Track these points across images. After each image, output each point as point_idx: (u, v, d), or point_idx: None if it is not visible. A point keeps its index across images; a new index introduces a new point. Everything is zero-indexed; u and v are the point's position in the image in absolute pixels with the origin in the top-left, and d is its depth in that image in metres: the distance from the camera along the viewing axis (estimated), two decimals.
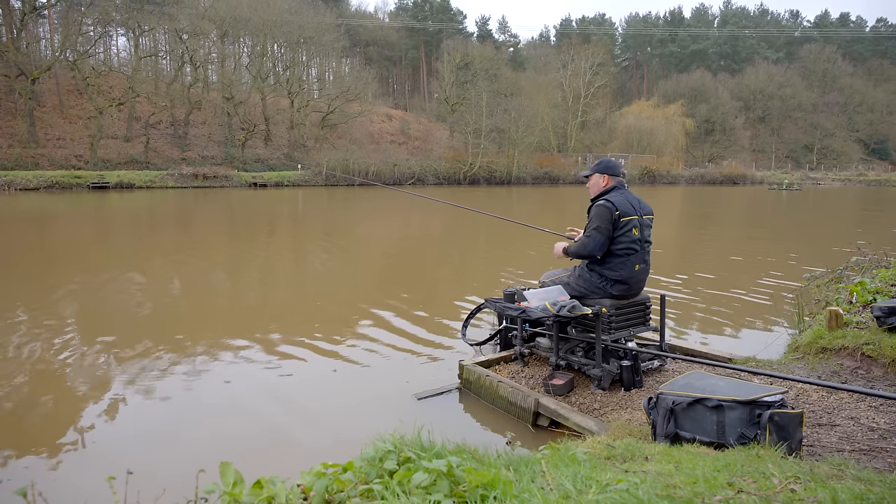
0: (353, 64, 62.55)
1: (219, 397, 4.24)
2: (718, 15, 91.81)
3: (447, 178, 44.30)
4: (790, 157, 72.11)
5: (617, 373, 3.89)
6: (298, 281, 9.07)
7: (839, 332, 4.26)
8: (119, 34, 51.95)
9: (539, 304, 3.88)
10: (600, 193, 4.03)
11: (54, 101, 42.23)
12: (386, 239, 14.64)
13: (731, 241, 14.29)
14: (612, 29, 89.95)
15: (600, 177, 4.09)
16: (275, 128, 46.60)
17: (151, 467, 3.18)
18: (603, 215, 3.86)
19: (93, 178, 33.25)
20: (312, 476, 1.42)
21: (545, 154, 51.00)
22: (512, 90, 51.72)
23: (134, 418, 3.86)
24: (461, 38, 64.99)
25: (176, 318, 6.53)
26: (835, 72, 76.72)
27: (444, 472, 1.42)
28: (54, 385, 4.42)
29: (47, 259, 10.74)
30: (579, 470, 1.83)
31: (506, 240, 13.75)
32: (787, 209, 25.93)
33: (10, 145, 36.52)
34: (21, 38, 38.66)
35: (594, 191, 4.10)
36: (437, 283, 8.97)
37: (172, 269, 9.66)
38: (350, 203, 26.42)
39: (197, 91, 44.31)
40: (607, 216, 3.84)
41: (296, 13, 49.55)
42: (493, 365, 4.44)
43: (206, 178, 36.26)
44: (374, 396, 4.25)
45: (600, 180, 4.09)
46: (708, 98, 68.68)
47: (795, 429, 2.57)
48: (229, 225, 17.52)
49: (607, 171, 4.08)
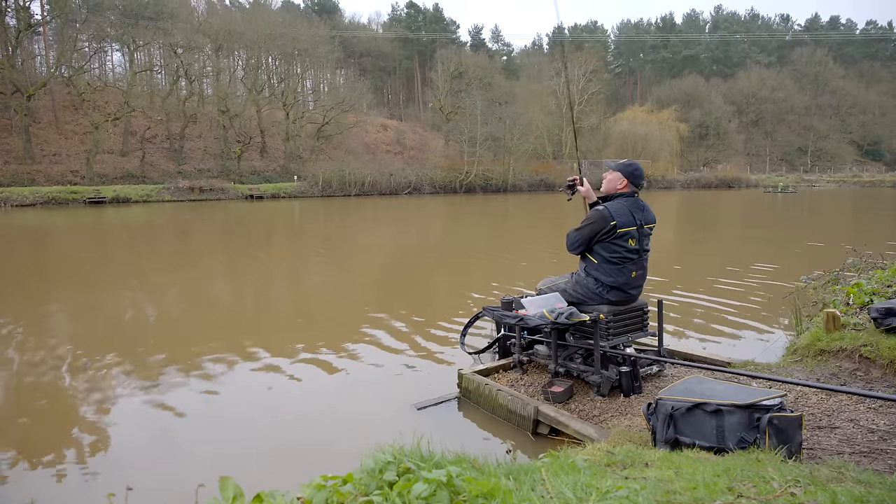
0: (347, 75, 62.85)
1: (217, 410, 4.22)
2: (710, 20, 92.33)
3: (443, 186, 44.36)
4: (784, 160, 72.37)
5: (616, 379, 3.88)
6: (296, 292, 9.06)
7: (837, 334, 4.26)
8: (114, 49, 52.25)
9: (537, 312, 3.88)
10: (607, 196, 4.00)
11: (50, 117, 42.28)
12: (383, 249, 14.65)
13: (728, 245, 14.33)
14: (604, 36, 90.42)
15: (620, 178, 3.98)
16: (270, 140, 46.67)
17: (151, 483, 3.17)
18: (595, 223, 3.84)
19: (89, 193, 33.22)
20: (312, 489, 1.42)
21: (541, 161, 51.14)
22: (506, 98, 51.95)
23: (133, 433, 3.84)
24: (455, 47, 65.32)
25: (174, 332, 6.52)
26: (826, 74, 77.12)
27: (444, 482, 1.42)
28: (53, 400, 4.40)
29: (45, 274, 10.72)
30: (579, 477, 1.83)
31: (503, 248, 13.77)
32: (783, 212, 26.02)
33: (6, 162, 36.51)
34: (16, 55, 38.72)
35: (607, 187, 4.03)
36: (434, 292, 8.97)
37: (170, 283, 9.64)
38: (347, 214, 26.44)
39: (192, 105, 44.36)
40: (598, 226, 3.83)
41: (290, 26, 49.82)
42: (491, 373, 4.43)
43: (203, 191, 36.26)
44: (373, 407, 4.24)
45: (618, 181, 3.98)
46: (701, 103, 68.99)
47: (795, 432, 2.57)
48: (226, 237, 17.51)
49: (629, 177, 3.96)
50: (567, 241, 4.03)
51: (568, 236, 4.02)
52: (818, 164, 70.14)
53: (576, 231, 3.96)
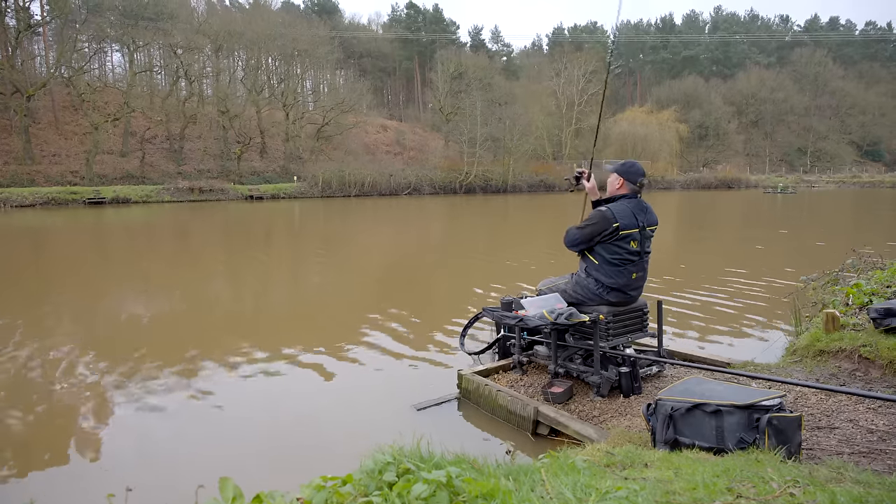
0: (347, 76, 62.82)
1: (217, 411, 4.22)
2: (709, 21, 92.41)
3: (443, 187, 44.36)
4: (784, 161, 72.43)
5: (616, 379, 3.89)
6: (295, 293, 9.07)
7: (836, 335, 4.27)
8: (114, 50, 52.28)
9: (536, 313, 3.88)
10: (609, 199, 3.98)
11: (50, 117, 42.27)
12: (383, 249, 14.65)
13: (727, 245, 14.33)
14: (604, 36, 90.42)
15: (617, 178, 3.98)
16: (270, 140, 46.67)
17: (150, 483, 3.17)
18: (598, 223, 3.82)
19: (89, 193, 33.22)
20: (312, 489, 1.42)
21: (540, 162, 51.15)
22: (506, 99, 51.93)
23: (133, 434, 3.84)
24: (454, 48, 65.29)
25: (173, 333, 6.52)
26: (826, 75, 77.18)
27: (444, 482, 1.43)
28: (53, 401, 4.40)
29: (44, 275, 10.71)
30: (579, 478, 1.83)
31: (503, 249, 13.77)
32: (783, 212, 26.03)
33: (6, 162, 36.51)
34: (16, 56, 38.72)
35: (609, 189, 4.03)
36: (434, 292, 8.97)
37: (169, 284, 9.64)
38: (346, 214, 26.44)
39: (192, 105, 44.35)
40: (601, 226, 3.80)
41: (290, 26, 49.82)
42: (491, 374, 4.44)
43: (203, 191, 36.27)
44: (373, 408, 4.24)
45: (616, 183, 3.98)
46: (701, 103, 69.04)
47: (794, 432, 2.58)
48: (226, 238, 17.51)
49: (624, 176, 3.95)
50: (566, 238, 4.00)
51: (568, 232, 3.98)
52: (818, 165, 70.20)
53: (577, 229, 3.93)
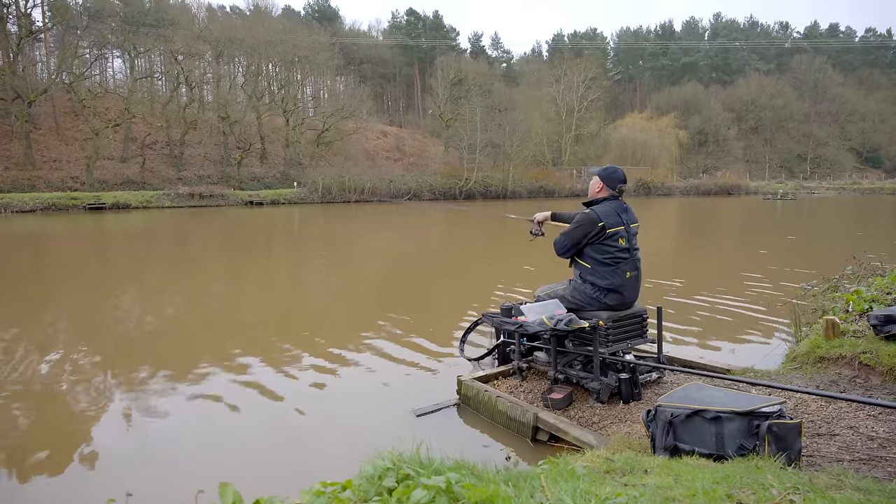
0: (347, 82, 63.00)
1: (217, 417, 4.22)
2: (709, 27, 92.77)
3: (443, 193, 44.43)
4: (784, 167, 72.56)
5: (615, 386, 3.88)
6: (295, 299, 9.06)
7: (836, 342, 4.26)
8: (115, 56, 52.48)
9: (536, 319, 3.88)
10: (592, 201, 4.07)
11: (50, 123, 42.39)
12: (382, 255, 14.65)
13: (727, 252, 14.33)
14: (603, 43, 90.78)
15: (597, 182, 4.09)
16: (270, 146, 46.78)
17: (151, 489, 3.16)
18: (585, 225, 3.90)
19: (89, 199, 33.26)
20: (311, 495, 1.42)
21: (540, 168, 51.27)
22: (506, 105, 52.13)
23: (133, 439, 3.84)
24: (454, 54, 65.61)
25: (174, 338, 6.51)
26: (826, 82, 77.42)
27: (443, 488, 1.43)
28: (53, 406, 4.40)
29: (45, 280, 10.72)
30: (578, 484, 1.83)
31: (502, 254, 13.77)
32: (782, 219, 26.05)
33: (7, 168, 36.59)
34: (17, 62, 38.86)
35: (590, 192, 4.16)
36: (433, 298, 8.97)
37: (170, 289, 9.64)
38: (346, 220, 26.45)
39: (192, 111, 44.51)
40: (587, 228, 3.89)
41: (290, 33, 50.03)
42: (491, 380, 4.43)
43: (203, 197, 36.33)
44: (373, 413, 4.23)
45: (596, 186, 4.10)
46: (700, 110, 69.21)
47: (794, 439, 2.57)
48: (226, 243, 17.52)
49: (605, 180, 4.06)
50: (556, 247, 4.08)
51: (556, 242, 4.08)
52: (817, 171, 70.30)
53: (563, 235, 4.03)
